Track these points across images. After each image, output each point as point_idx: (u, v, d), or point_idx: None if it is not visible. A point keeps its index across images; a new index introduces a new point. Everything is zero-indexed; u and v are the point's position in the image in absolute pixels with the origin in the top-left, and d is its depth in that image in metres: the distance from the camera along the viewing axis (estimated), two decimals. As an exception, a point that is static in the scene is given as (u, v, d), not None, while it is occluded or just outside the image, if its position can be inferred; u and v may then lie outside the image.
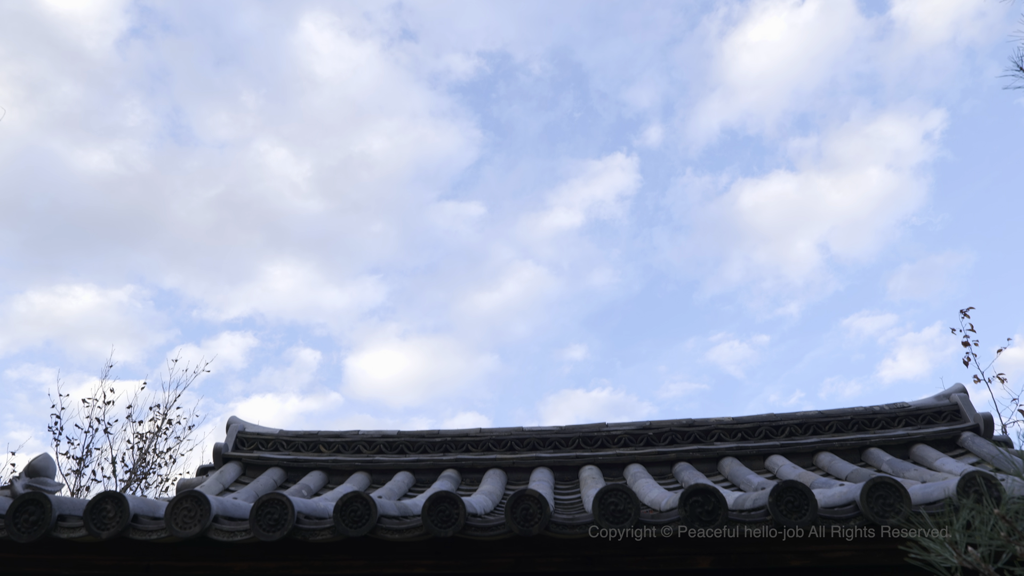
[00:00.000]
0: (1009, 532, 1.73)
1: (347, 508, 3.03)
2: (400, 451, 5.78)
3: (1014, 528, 1.73)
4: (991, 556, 1.80)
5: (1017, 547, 1.72)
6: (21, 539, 3.09)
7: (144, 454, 9.47)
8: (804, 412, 5.77)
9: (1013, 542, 1.72)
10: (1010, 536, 1.73)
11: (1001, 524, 1.75)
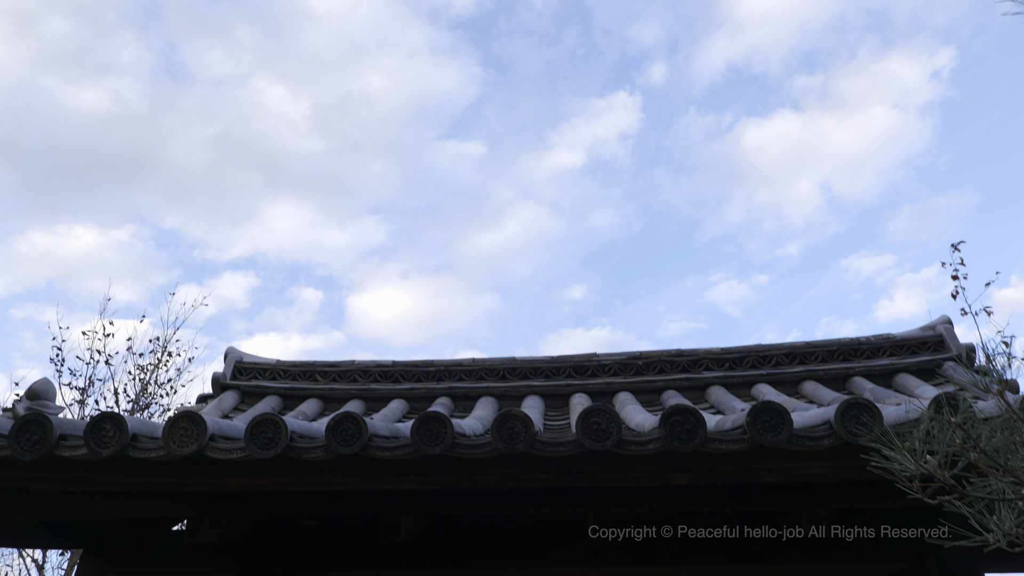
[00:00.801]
0: (964, 440, 1.82)
1: (339, 427, 3.13)
2: (395, 380, 5.90)
3: (969, 436, 1.81)
4: (947, 464, 1.89)
5: (972, 454, 1.81)
6: (24, 457, 3.20)
7: (145, 385, 9.64)
8: (791, 343, 5.86)
9: (968, 449, 1.81)
10: (965, 443, 1.81)
11: (957, 432, 1.83)
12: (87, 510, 3.49)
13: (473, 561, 3.84)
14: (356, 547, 3.88)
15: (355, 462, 3.15)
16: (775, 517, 3.64)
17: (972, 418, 1.94)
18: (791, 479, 3.10)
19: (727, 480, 3.13)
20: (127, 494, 3.44)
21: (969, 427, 1.82)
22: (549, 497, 3.39)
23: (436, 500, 3.45)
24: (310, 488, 3.27)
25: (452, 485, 3.20)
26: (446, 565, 3.82)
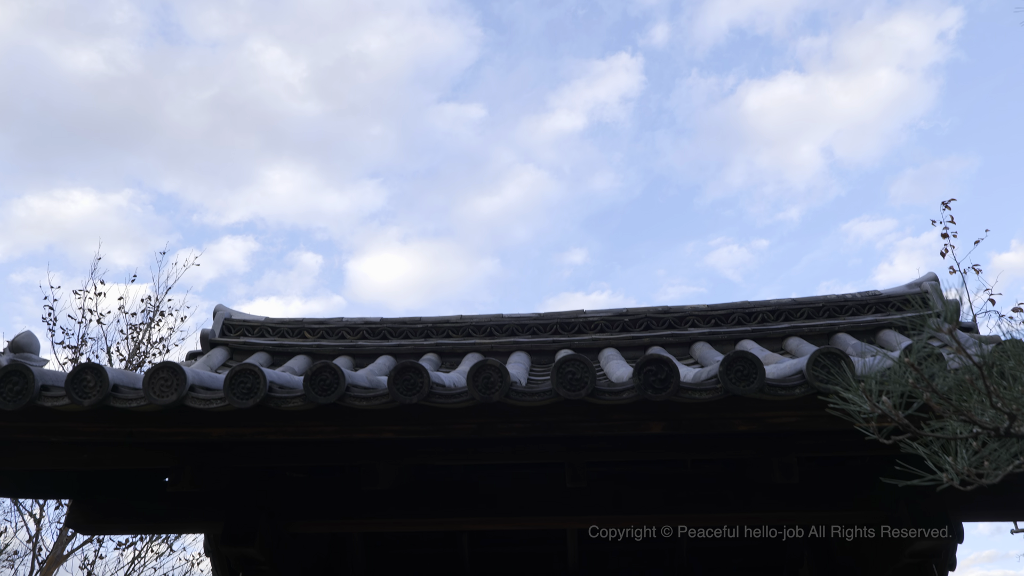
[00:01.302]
0: (917, 380, 1.84)
1: (316, 378, 3.16)
2: (382, 336, 5.94)
3: (921, 376, 1.83)
4: (902, 405, 1.91)
5: (925, 394, 1.83)
6: (7, 407, 3.23)
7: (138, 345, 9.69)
8: (777, 300, 5.88)
9: (921, 389, 1.83)
10: (917, 383, 1.84)
11: (910, 372, 1.85)
12: (72, 460, 3.55)
13: (452, 511, 3.91)
14: (338, 497, 3.95)
15: (333, 412, 3.19)
16: (747, 466, 3.70)
17: (927, 359, 1.96)
18: (763, 428, 3.14)
19: (700, 429, 3.17)
20: (110, 444, 3.48)
21: (923, 368, 1.84)
22: (525, 446, 3.44)
23: (414, 449, 3.50)
24: (290, 437, 3.31)
25: (430, 434, 3.25)
26: (425, 515, 3.89)
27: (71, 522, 4.11)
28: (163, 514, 4.06)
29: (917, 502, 3.63)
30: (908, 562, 3.72)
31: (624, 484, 3.88)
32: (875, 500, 3.76)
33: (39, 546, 8.74)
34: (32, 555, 8.68)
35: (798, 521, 3.95)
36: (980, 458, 1.89)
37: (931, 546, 3.57)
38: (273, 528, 3.91)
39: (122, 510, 4.07)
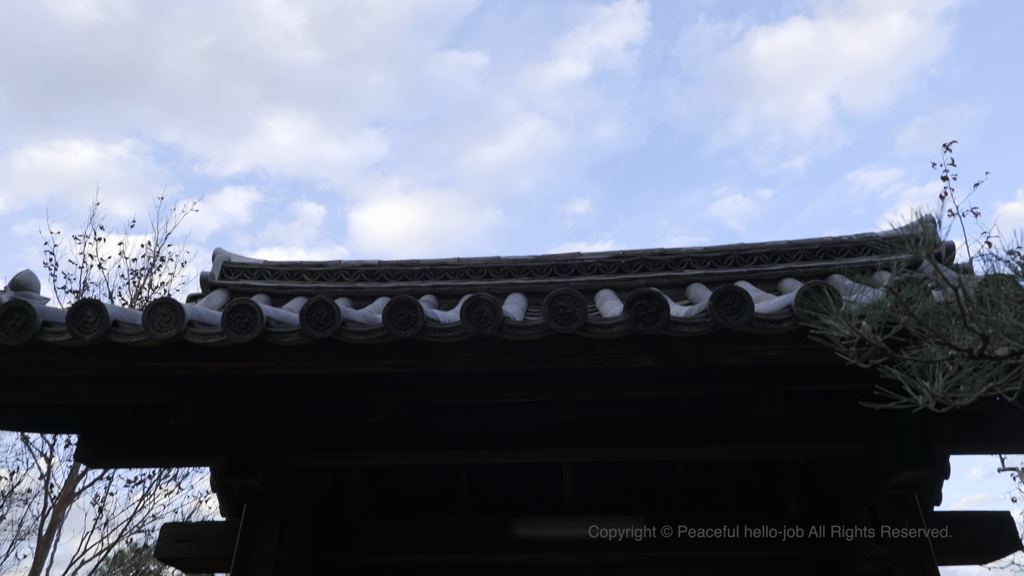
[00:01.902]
0: (895, 304, 1.87)
1: (312, 313, 3.21)
2: (380, 279, 5.98)
3: (900, 300, 1.86)
4: (881, 329, 1.95)
5: (903, 318, 1.87)
6: (10, 342, 3.29)
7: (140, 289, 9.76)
8: (773, 242, 5.89)
9: (900, 313, 1.87)
10: (896, 308, 1.87)
11: (889, 296, 1.89)
12: (76, 394, 3.63)
13: (449, 445, 4.01)
14: (337, 431, 4.05)
15: (330, 346, 3.25)
16: (736, 399, 3.78)
17: (906, 283, 1.99)
18: (752, 361, 3.20)
19: (690, 363, 3.23)
20: (113, 379, 3.56)
21: (902, 293, 1.87)
22: (518, 380, 3.51)
23: (410, 383, 3.57)
24: (288, 372, 3.38)
25: (425, 368, 3.31)
26: (422, 448, 3.99)
27: (79, 456, 4.22)
28: (168, 448, 4.16)
29: (902, 435, 3.71)
30: (892, 493, 3.82)
31: (615, 418, 3.97)
32: (861, 433, 3.85)
33: (51, 483, 9.00)
34: (44, 493, 8.95)
35: (787, 454, 4.05)
36: (955, 381, 1.94)
37: (914, 477, 3.67)
38: (274, 461, 4.02)
39: (128, 445, 4.18)
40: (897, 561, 3.77)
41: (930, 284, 2.75)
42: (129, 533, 9.97)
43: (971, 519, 4.47)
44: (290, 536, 4.32)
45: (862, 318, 1.93)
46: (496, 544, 4.70)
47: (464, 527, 4.85)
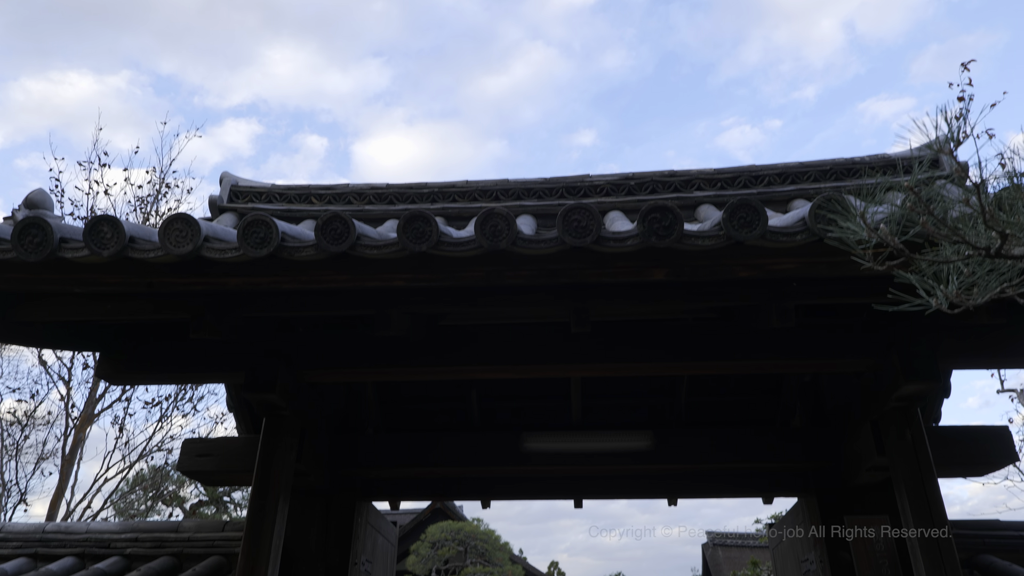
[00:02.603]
0: (915, 203, 1.88)
1: (328, 227, 3.23)
2: (389, 201, 5.97)
3: (919, 199, 1.87)
4: (899, 231, 1.97)
5: (922, 217, 1.88)
6: (29, 258, 3.33)
7: (147, 216, 9.76)
8: (784, 163, 5.84)
9: (918, 212, 1.88)
10: (915, 207, 1.88)
11: (909, 195, 1.89)
12: (96, 310, 3.69)
13: (461, 361, 4.09)
14: (352, 348, 4.14)
15: (345, 261, 3.28)
16: (746, 315, 3.83)
17: (925, 185, 2.00)
18: (764, 274, 3.23)
19: (702, 276, 3.26)
20: (132, 295, 3.61)
21: (922, 193, 1.88)
22: (532, 295, 3.56)
23: (424, 298, 3.63)
24: (304, 286, 3.42)
25: (439, 282, 3.35)
26: (435, 364, 4.08)
27: (100, 373, 4.32)
28: (187, 365, 4.26)
29: (907, 349, 3.78)
30: (895, 406, 3.91)
31: (625, 334, 4.04)
32: (867, 349, 3.92)
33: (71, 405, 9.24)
34: (65, 415, 9.20)
35: (794, 369, 4.13)
36: (969, 283, 1.97)
37: (918, 390, 3.75)
38: (291, 376, 4.11)
39: (148, 361, 4.27)
40: (897, 471, 3.89)
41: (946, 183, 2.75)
42: (149, 453, 10.31)
43: (970, 433, 4.59)
44: (308, 449, 4.46)
45: (881, 222, 1.94)
46: (507, 457, 4.85)
47: (475, 442, 5.00)
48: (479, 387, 5.57)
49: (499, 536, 20.14)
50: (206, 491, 14.82)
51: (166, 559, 4.77)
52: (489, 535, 19.88)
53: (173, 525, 5.19)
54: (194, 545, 4.90)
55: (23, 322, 3.83)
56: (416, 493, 5.29)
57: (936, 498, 3.78)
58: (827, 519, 4.54)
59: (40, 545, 5.04)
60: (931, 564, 3.64)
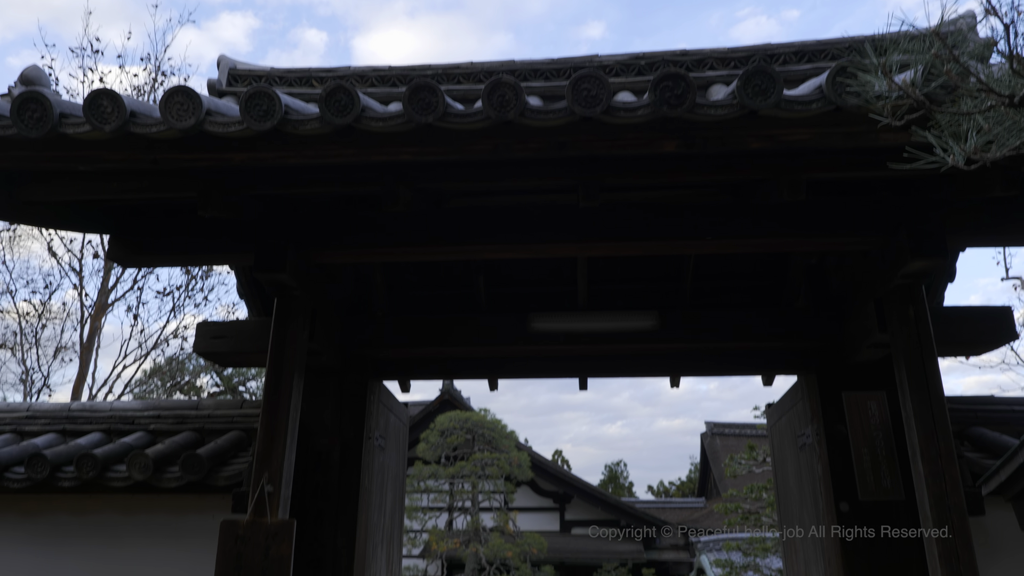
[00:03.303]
0: (940, 49, 1.82)
1: (331, 98, 3.17)
2: (392, 84, 5.81)
3: (945, 44, 1.81)
4: (922, 81, 1.91)
5: (946, 65, 1.82)
6: (30, 134, 3.29)
7: (146, 105, 9.58)
8: (801, 41, 5.62)
9: (943, 59, 1.82)
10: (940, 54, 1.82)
11: (935, 42, 1.83)
12: (102, 188, 3.68)
13: (469, 240, 4.10)
14: (359, 228, 4.14)
15: (351, 134, 3.24)
16: (755, 190, 3.80)
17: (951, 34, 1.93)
18: (776, 145, 3.18)
19: (714, 148, 3.21)
20: (137, 171, 3.59)
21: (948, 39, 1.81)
22: (540, 168, 3.52)
23: (431, 172, 3.60)
24: (310, 161, 3.39)
25: (446, 156, 3.31)
26: (442, 244, 4.09)
27: (112, 255, 4.36)
28: (198, 246, 4.29)
29: (916, 226, 3.77)
30: (900, 284, 3.94)
31: (633, 212, 4.02)
32: (876, 226, 3.91)
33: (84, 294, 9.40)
34: (80, 304, 9.36)
35: (802, 247, 4.14)
36: (988, 138, 1.93)
37: (924, 266, 3.76)
38: (301, 257, 4.14)
39: (158, 243, 4.30)
40: (898, 347, 3.96)
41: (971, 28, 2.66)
42: (164, 342, 10.58)
43: (972, 312, 4.65)
44: (320, 329, 4.56)
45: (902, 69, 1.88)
46: (514, 338, 4.95)
47: (483, 323, 5.09)
48: (486, 273, 5.61)
49: (505, 425, 20.88)
50: (221, 381, 15.31)
51: (188, 434, 4.98)
52: (496, 424, 20.61)
53: (193, 403, 5.38)
54: (214, 421, 5.10)
55: (30, 202, 3.83)
56: (425, 373, 5.43)
57: (934, 372, 3.87)
58: (825, 395, 4.68)
59: (67, 422, 5.25)
60: (925, 434, 3.77)
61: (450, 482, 21.13)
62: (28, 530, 4.87)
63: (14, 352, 10.35)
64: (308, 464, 4.76)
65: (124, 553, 4.74)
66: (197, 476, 4.42)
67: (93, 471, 4.47)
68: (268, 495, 3.87)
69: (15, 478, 4.57)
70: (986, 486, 3.76)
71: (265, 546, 3.80)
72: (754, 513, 14.54)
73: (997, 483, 3.58)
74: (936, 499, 3.65)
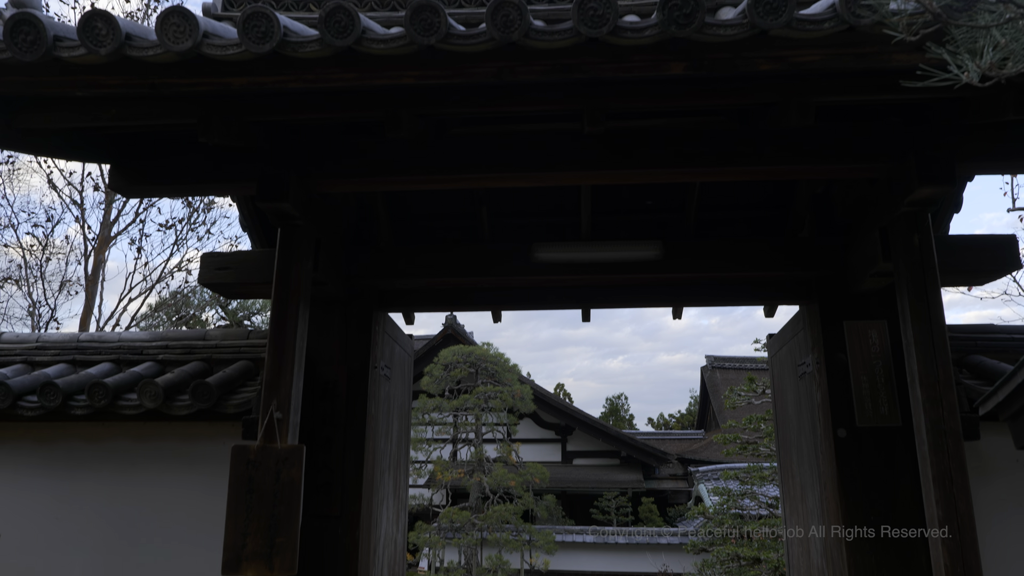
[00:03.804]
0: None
1: (331, 19, 3.09)
2: (392, 8, 5.65)
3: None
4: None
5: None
6: (25, 58, 3.22)
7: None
8: (815, -39, 5.44)
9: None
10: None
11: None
12: (100, 115, 3.62)
13: (469, 169, 4.06)
14: (361, 157, 4.11)
15: (352, 57, 3.17)
16: (762, 116, 3.74)
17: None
18: (786, 67, 3.11)
19: (722, 70, 3.15)
20: (135, 97, 3.54)
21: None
22: (545, 91, 3.47)
23: (434, 96, 3.54)
24: (311, 86, 3.33)
25: (449, 79, 3.25)
26: (445, 172, 4.06)
27: (113, 185, 4.33)
28: (199, 175, 4.26)
29: (925, 152, 3.72)
30: (906, 211, 3.92)
31: (638, 141, 3.98)
32: (885, 152, 3.86)
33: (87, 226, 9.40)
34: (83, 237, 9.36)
35: (809, 174, 4.11)
36: (1003, 55, 1.89)
37: (932, 193, 3.73)
38: (303, 186, 4.12)
39: (160, 172, 4.27)
40: (901, 275, 3.97)
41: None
42: (168, 275, 10.64)
43: (976, 241, 4.64)
44: (324, 259, 4.57)
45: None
46: (518, 268, 4.96)
47: (487, 253, 5.10)
48: (489, 204, 5.58)
49: (508, 359, 21.13)
50: (227, 315, 15.46)
51: (197, 364, 5.06)
52: (499, 357, 20.87)
53: (200, 333, 5.44)
54: (222, 351, 5.17)
55: (28, 129, 3.79)
56: (429, 304, 5.47)
57: (936, 300, 3.89)
58: (827, 324, 4.71)
59: (77, 352, 5.33)
60: (924, 361, 3.81)
61: (454, 415, 21.55)
62: (44, 456, 5.01)
63: (20, 286, 10.42)
64: (315, 393, 4.85)
65: (138, 478, 4.89)
66: (207, 404, 4.51)
67: (105, 399, 4.56)
68: (277, 421, 3.95)
69: (29, 406, 4.67)
70: (984, 406, 3.83)
71: (276, 470, 3.91)
72: (752, 443, 14.86)
73: (995, 403, 3.65)
74: (932, 424, 3.72)
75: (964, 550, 3.58)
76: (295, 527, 3.82)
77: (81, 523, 4.85)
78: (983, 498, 4.17)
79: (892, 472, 4.40)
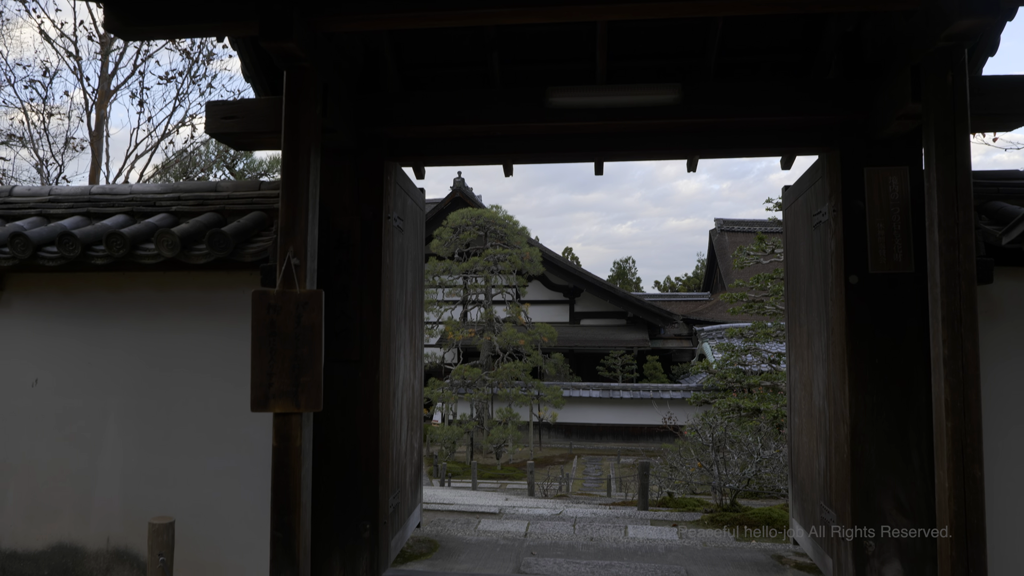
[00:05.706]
0: None
1: None
2: None
3: None
4: None
5: None
6: None
7: None
8: None
9: None
10: None
11: None
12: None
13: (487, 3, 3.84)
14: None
15: None
16: None
17: None
18: None
19: None
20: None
21: None
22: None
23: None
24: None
25: None
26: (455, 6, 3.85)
27: (108, 26, 4.14)
28: (199, 15, 4.05)
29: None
30: (942, 46, 3.72)
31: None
32: None
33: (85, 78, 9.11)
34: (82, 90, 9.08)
35: (842, 7, 3.87)
36: None
37: (971, 25, 3.53)
38: (307, 26, 3.93)
39: (157, 10, 4.06)
40: (930, 115, 3.83)
41: None
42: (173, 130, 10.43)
43: (1009, 82, 4.44)
44: (332, 105, 4.44)
45: None
46: (531, 114, 4.82)
47: (500, 97, 4.94)
48: (501, 49, 5.35)
49: (517, 221, 21.15)
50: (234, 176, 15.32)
51: (211, 214, 5.06)
52: (508, 220, 20.88)
53: (212, 185, 5.41)
54: (234, 203, 5.16)
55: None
56: (440, 154, 5.35)
57: (964, 141, 3.78)
58: (847, 172, 4.62)
59: (90, 204, 5.33)
60: (945, 203, 3.76)
61: (464, 277, 21.87)
62: (71, 306, 5.14)
63: (25, 143, 10.27)
64: (330, 242, 4.88)
65: (161, 324, 5.03)
66: (224, 252, 4.55)
67: (123, 249, 4.60)
68: (295, 267, 3.99)
69: (49, 256, 4.73)
70: (1007, 235, 3.83)
71: (296, 314, 4.00)
72: (758, 302, 15.12)
73: (1018, 232, 3.65)
74: (947, 266, 3.72)
75: (965, 386, 3.69)
76: (318, 367, 3.96)
77: (111, 368, 5.05)
78: (989, 341, 4.27)
79: (900, 316, 4.47)
